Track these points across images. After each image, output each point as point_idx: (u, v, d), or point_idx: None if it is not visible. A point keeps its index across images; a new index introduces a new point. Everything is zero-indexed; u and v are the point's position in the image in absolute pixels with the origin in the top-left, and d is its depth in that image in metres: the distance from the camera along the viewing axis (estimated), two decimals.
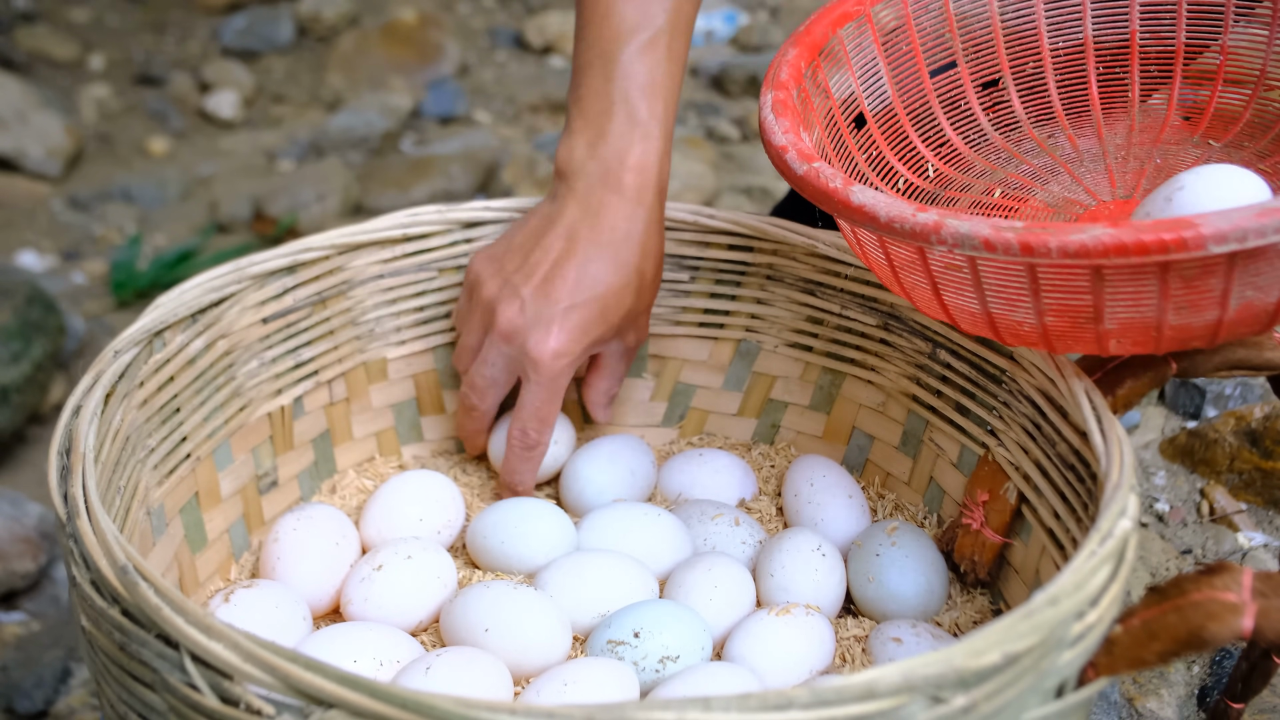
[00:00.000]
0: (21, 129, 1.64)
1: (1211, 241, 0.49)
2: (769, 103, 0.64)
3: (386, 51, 1.93)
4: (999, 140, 0.75)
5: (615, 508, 0.73)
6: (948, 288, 0.58)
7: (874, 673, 0.42)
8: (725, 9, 2.07)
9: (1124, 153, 0.73)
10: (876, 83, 0.73)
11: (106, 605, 0.48)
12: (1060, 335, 0.57)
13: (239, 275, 0.70)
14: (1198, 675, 0.80)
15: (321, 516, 0.71)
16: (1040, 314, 0.56)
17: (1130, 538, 0.51)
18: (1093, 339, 0.57)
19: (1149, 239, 0.49)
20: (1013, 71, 0.75)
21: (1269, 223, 0.48)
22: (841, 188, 0.57)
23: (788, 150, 0.61)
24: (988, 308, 0.58)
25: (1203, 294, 0.53)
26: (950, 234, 0.52)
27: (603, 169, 0.70)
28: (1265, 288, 0.53)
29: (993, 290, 0.56)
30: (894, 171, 0.72)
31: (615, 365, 0.76)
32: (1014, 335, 0.59)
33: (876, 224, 0.55)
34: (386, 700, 0.41)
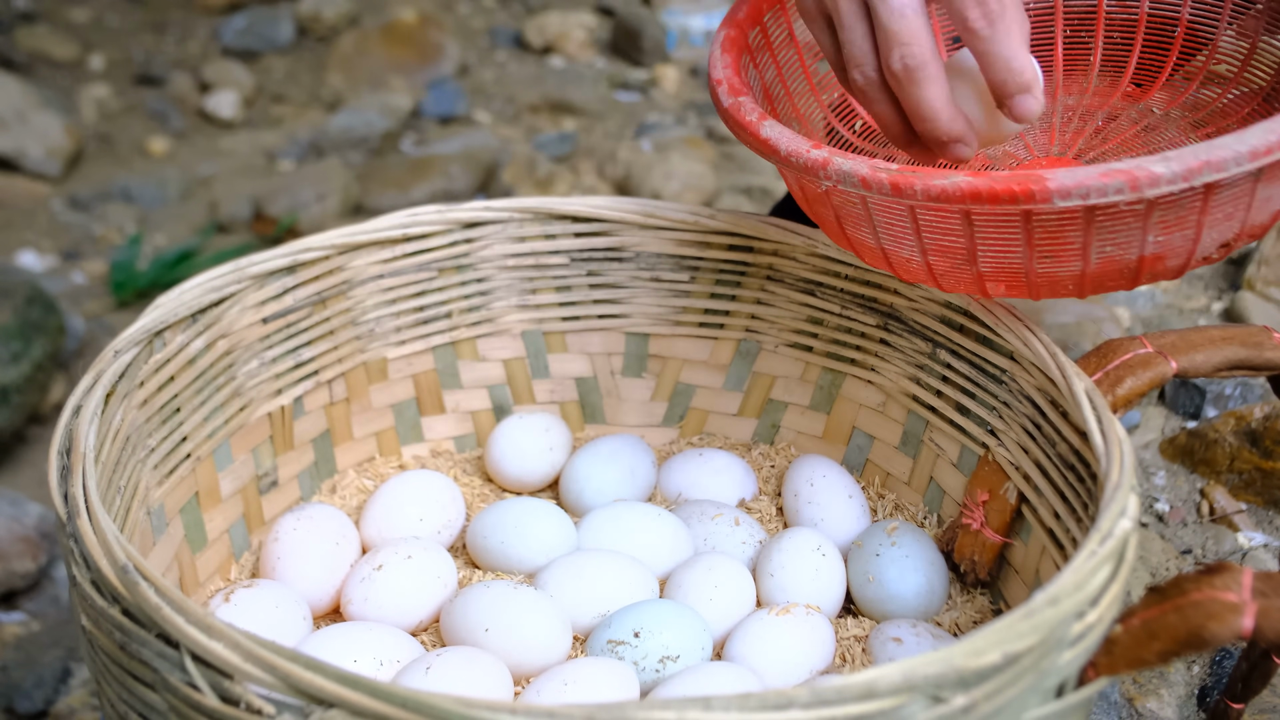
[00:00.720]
0: (21, 129, 1.64)
1: (1057, 195, 0.54)
2: (720, 39, 0.69)
3: (386, 51, 1.93)
4: None
5: (615, 508, 0.73)
6: (848, 221, 0.64)
7: (874, 672, 0.42)
8: (725, 9, 2.06)
9: (1072, 114, 0.76)
10: None
11: (107, 605, 0.48)
12: (944, 274, 0.63)
13: (239, 275, 0.70)
14: (1198, 675, 0.80)
15: (322, 516, 0.71)
16: (924, 252, 0.62)
17: (1130, 538, 0.51)
18: (972, 280, 0.63)
19: (1000, 188, 0.55)
20: None
21: (1110, 183, 0.53)
22: (755, 121, 0.63)
23: (721, 84, 0.67)
24: (881, 243, 0.64)
25: (1064, 245, 0.58)
26: (835, 170, 0.59)
27: None
28: (1124, 245, 0.58)
29: (883, 226, 0.62)
30: (854, 114, 0.76)
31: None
32: (906, 271, 0.65)
33: (777, 156, 0.62)
34: (387, 700, 0.41)
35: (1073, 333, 1.14)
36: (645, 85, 1.89)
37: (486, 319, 0.80)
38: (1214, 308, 1.18)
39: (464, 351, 0.81)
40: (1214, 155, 0.54)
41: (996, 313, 0.67)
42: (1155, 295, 1.20)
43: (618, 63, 1.96)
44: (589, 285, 0.80)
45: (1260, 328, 0.63)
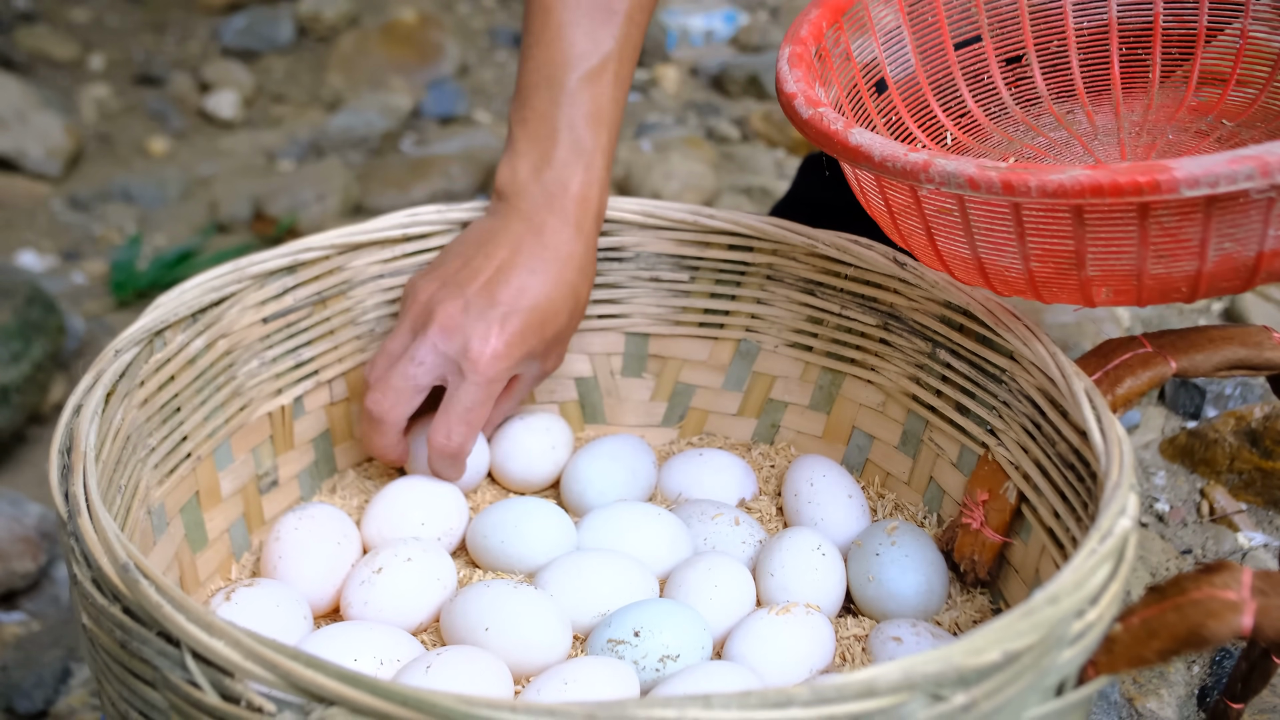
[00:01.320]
0: (21, 129, 1.64)
1: (1184, 184, 0.50)
2: (785, 55, 0.67)
3: (386, 51, 1.93)
4: (1018, 113, 0.77)
5: (615, 508, 0.73)
6: (940, 232, 0.61)
7: (874, 671, 0.42)
8: (725, 9, 2.07)
9: (1139, 129, 0.74)
10: (900, 50, 0.75)
11: (108, 603, 0.48)
12: (1046, 282, 0.60)
13: (239, 275, 0.70)
14: (1198, 675, 0.80)
15: (323, 516, 0.71)
16: (1026, 259, 0.58)
17: (1130, 537, 0.51)
18: (1077, 286, 0.59)
19: (1124, 180, 0.51)
20: (1037, 49, 0.77)
21: (1240, 169, 0.50)
22: (842, 130, 0.60)
23: (796, 96, 0.64)
24: (977, 252, 0.60)
25: (1181, 242, 0.55)
26: (938, 172, 0.55)
27: (546, 193, 0.71)
28: (1243, 240, 0.54)
29: (981, 234, 0.59)
30: (912, 137, 0.75)
31: (523, 390, 0.75)
32: (1004, 283, 0.62)
33: (871, 163, 0.58)
34: (387, 698, 0.41)
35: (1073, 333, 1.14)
36: (645, 85, 1.89)
37: None
38: (1214, 308, 1.18)
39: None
40: None
41: (996, 313, 0.67)
42: None
43: None
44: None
45: (1260, 328, 0.63)
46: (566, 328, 0.73)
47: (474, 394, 0.69)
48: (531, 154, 0.71)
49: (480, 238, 0.72)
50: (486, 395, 0.70)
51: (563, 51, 0.71)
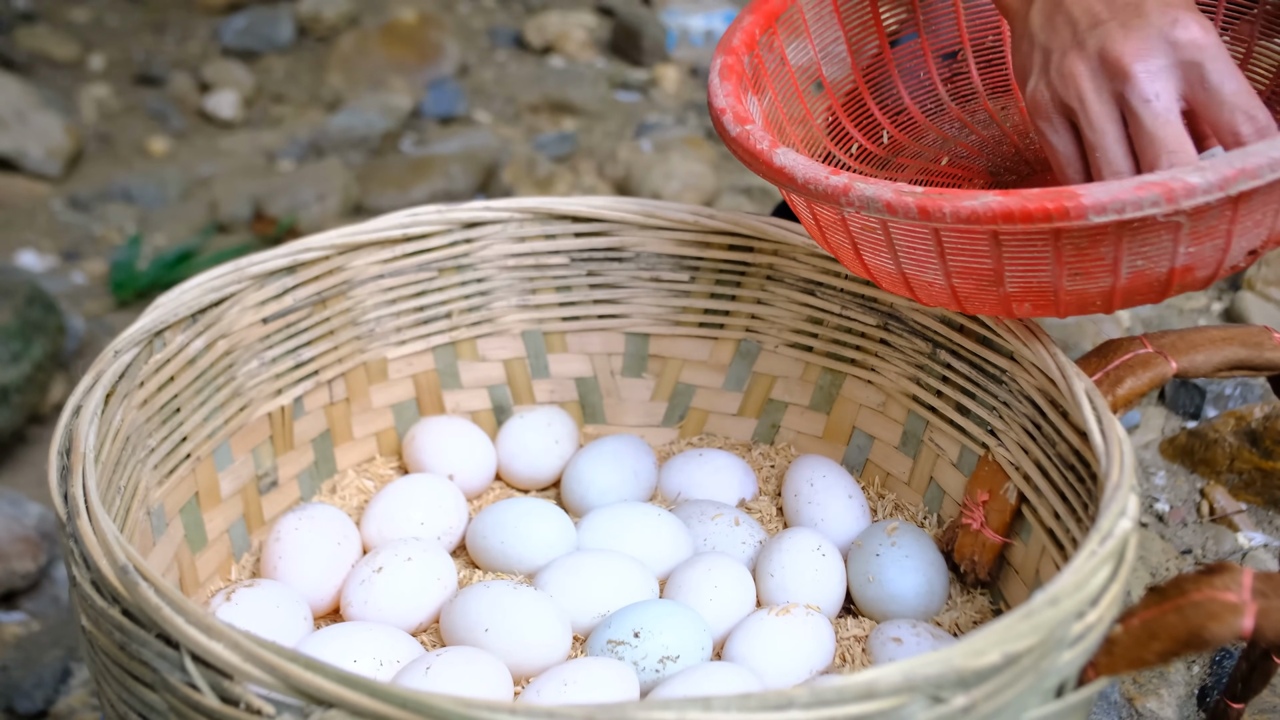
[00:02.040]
0: (21, 129, 1.64)
1: (1092, 211, 0.52)
2: (717, 66, 0.67)
3: (386, 51, 1.93)
4: (954, 110, 0.77)
5: (616, 508, 0.73)
6: (866, 248, 0.62)
7: (874, 672, 0.42)
8: (725, 9, 2.06)
9: None
10: (836, 50, 0.75)
11: (107, 605, 0.48)
12: (968, 296, 0.61)
13: (239, 275, 0.70)
14: (1198, 675, 0.80)
15: (323, 517, 0.71)
16: (948, 275, 0.60)
17: (1130, 538, 0.51)
18: (997, 301, 0.61)
19: (1034, 207, 0.52)
20: (972, 43, 0.77)
21: (1145, 196, 0.51)
22: (767, 149, 0.61)
23: (725, 112, 0.64)
24: (901, 268, 0.61)
25: (1094, 261, 0.56)
26: (857, 196, 0.56)
27: None
28: (1154, 258, 0.56)
29: (904, 251, 0.60)
30: (849, 137, 0.75)
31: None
32: (927, 295, 0.63)
33: (794, 185, 0.59)
34: (386, 700, 0.41)
35: (1073, 333, 1.14)
36: (645, 85, 1.89)
37: (486, 319, 0.80)
38: (1214, 308, 1.18)
39: (464, 351, 0.81)
40: (1249, 163, 0.51)
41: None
42: None
43: (617, 63, 1.96)
44: (589, 285, 0.80)
45: (1260, 328, 0.63)
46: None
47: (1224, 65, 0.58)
48: None
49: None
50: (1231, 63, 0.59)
51: None
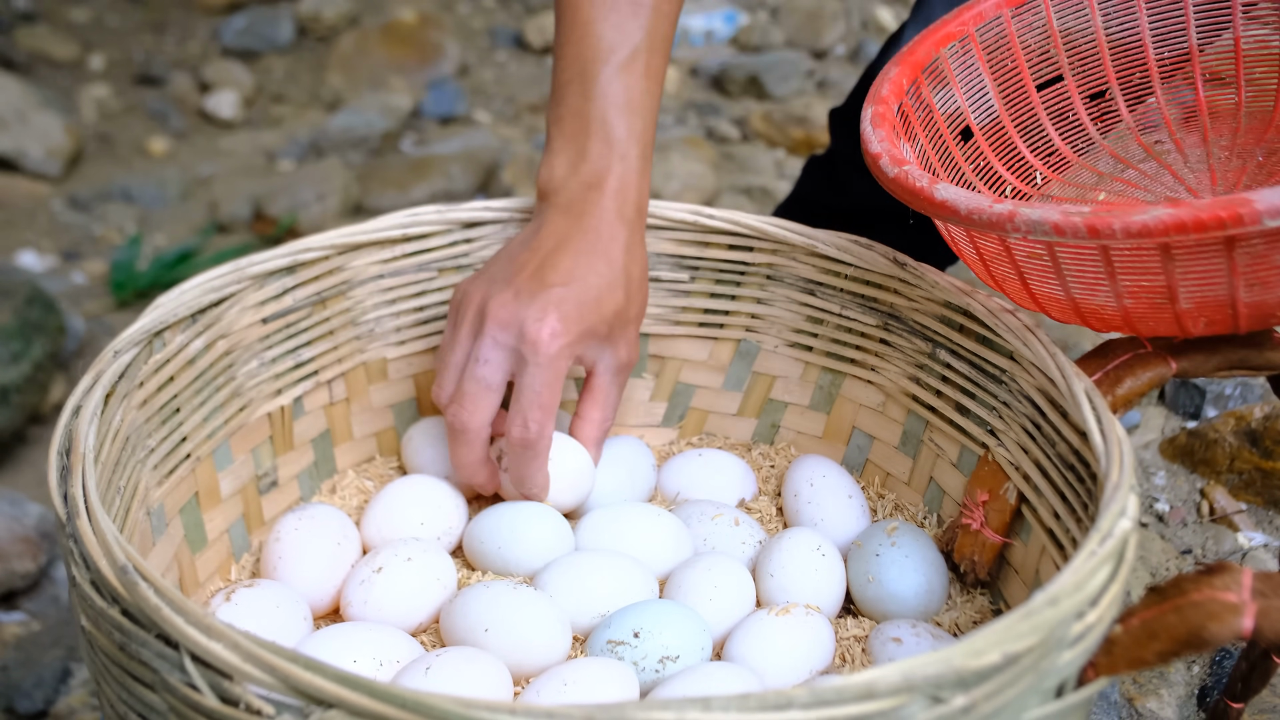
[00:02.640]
0: (21, 129, 1.64)
1: (1266, 215, 0.51)
2: (868, 115, 0.69)
3: (386, 51, 1.93)
4: (1107, 147, 0.77)
5: (615, 508, 0.73)
6: (1033, 276, 0.62)
7: (874, 673, 0.42)
8: (725, 9, 2.07)
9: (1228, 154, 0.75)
10: (982, 97, 0.76)
11: (106, 605, 0.48)
12: (1141, 317, 0.60)
13: (239, 275, 0.70)
14: (1198, 675, 0.80)
15: (323, 517, 0.71)
16: (1119, 296, 0.59)
17: (1130, 538, 0.51)
18: (1172, 319, 0.60)
19: (1206, 215, 0.51)
20: (1120, 82, 0.78)
21: None
22: (927, 186, 0.61)
23: (881, 156, 0.65)
24: (1070, 293, 0.61)
25: (1272, 269, 0.55)
26: (1023, 221, 0.55)
27: (583, 185, 0.71)
28: None
29: (1073, 275, 0.60)
30: (1001, 180, 0.75)
31: (608, 388, 0.73)
32: (1099, 320, 0.62)
33: (958, 217, 0.59)
34: (386, 700, 0.41)
35: (1073, 333, 1.14)
36: None
37: None
38: None
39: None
40: None
41: (996, 313, 0.67)
42: None
43: None
44: None
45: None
46: (625, 309, 0.70)
47: (540, 375, 0.67)
48: (567, 150, 0.71)
49: (524, 237, 0.72)
50: (552, 375, 0.68)
51: (591, 46, 0.71)
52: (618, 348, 0.72)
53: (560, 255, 0.69)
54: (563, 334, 0.67)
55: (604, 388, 0.72)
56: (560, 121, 0.72)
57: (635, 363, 0.73)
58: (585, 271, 0.69)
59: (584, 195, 0.70)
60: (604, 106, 0.70)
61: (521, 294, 0.68)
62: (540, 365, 0.67)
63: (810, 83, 1.87)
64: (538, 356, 0.67)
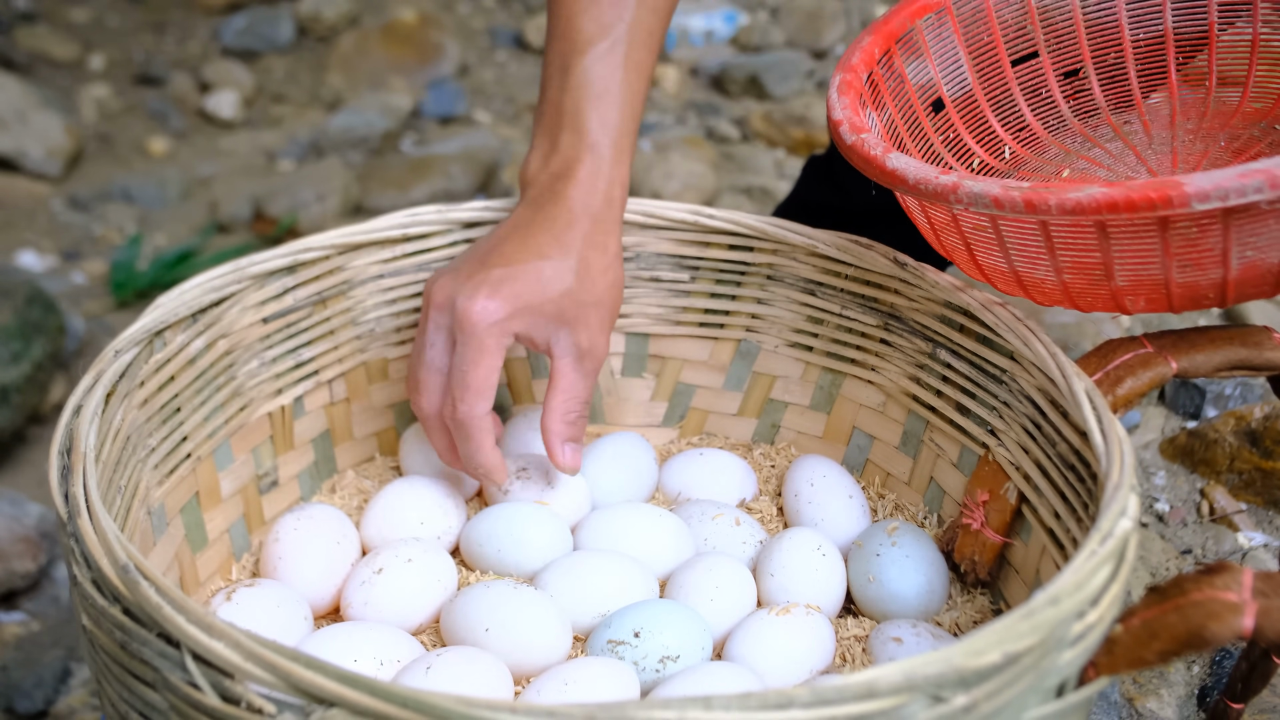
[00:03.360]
0: (21, 129, 1.64)
1: (1195, 199, 0.52)
2: (836, 83, 0.70)
3: (386, 51, 1.93)
4: (1077, 125, 0.79)
5: (616, 508, 0.73)
6: (979, 248, 0.64)
7: (874, 672, 0.42)
8: (725, 9, 2.07)
9: (1193, 137, 0.76)
10: (956, 70, 0.77)
11: (108, 604, 0.48)
12: (1081, 293, 0.62)
13: (239, 275, 0.70)
14: (1198, 675, 0.80)
15: (322, 517, 0.71)
16: (1059, 271, 0.61)
17: (1130, 538, 0.51)
18: (1109, 296, 0.62)
19: (1137, 196, 0.53)
20: (1094, 61, 0.79)
21: (1249, 183, 0.52)
22: (880, 155, 0.63)
23: (842, 124, 0.67)
24: (1014, 266, 0.63)
25: (1204, 252, 0.57)
26: (966, 193, 0.58)
27: (551, 176, 0.70)
28: (1265, 248, 0.56)
29: (1015, 249, 0.62)
30: (970, 153, 0.76)
31: (569, 375, 0.69)
32: (1041, 293, 0.64)
33: (906, 185, 0.61)
34: (387, 699, 0.41)
35: (1073, 333, 1.14)
36: None
37: None
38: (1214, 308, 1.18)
39: None
40: None
41: (996, 313, 0.67)
42: None
43: None
44: None
45: (1260, 328, 0.63)
46: (576, 292, 0.68)
47: (467, 352, 0.66)
48: (543, 144, 0.71)
49: (490, 230, 0.72)
50: (478, 352, 0.66)
51: (570, 39, 0.71)
52: (576, 331, 0.69)
53: (509, 241, 0.69)
54: (493, 311, 0.66)
55: (563, 372, 0.69)
56: (540, 116, 0.72)
57: (602, 353, 0.70)
58: (530, 254, 0.68)
59: (551, 186, 0.70)
60: (577, 97, 0.70)
61: (459, 275, 0.68)
62: (466, 342, 0.66)
63: (810, 83, 1.87)
64: (464, 333, 0.66)
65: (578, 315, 0.69)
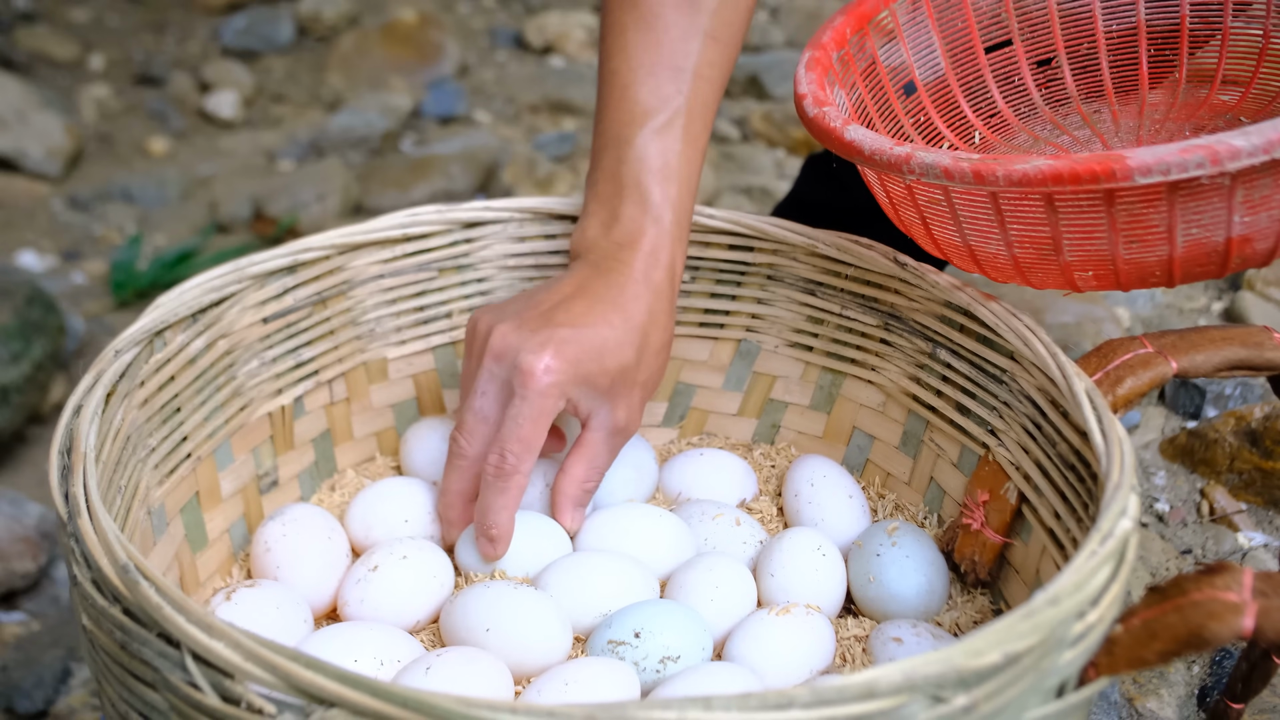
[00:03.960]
0: (21, 129, 1.64)
1: (1138, 173, 0.54)
2: (805, 59, 0.71)
3: (386, 51, 1.93)
4: (1047, 113, 0.80)
5: (617, 508, 0.73)
6: (934, 221, 0.65)
7: (874, 672, 0.42)
8: None
9: (1159, 127, 0.77)
10: (929, 55, 0.78)
11: (108, 604, 0.48)
12: (1030, 267, 0.63)
13: (239, 275, 0.70)
14: (1198, 675, 0.80)
15: (308, 517, 0.70)
16: (1009, 245, 0.62)
17: (1130, 538, 0.51)
18: (1059, 271, 0.63)
19: (1082, 169, 0.55)
20: (1067, 51, 0.81)
21: (1190, 158, 0.53)
22: (839, 127, 0.64)
23: (806, 97, 0.68)
24: (967, 240, 0.64)
25: (1149, 229, 0.58)
26: (918, 163, 0.60)
27: (614, 244, 0.70)
28: (1209, 226, 0.58)
29: (968, 222, 0.63)
30: (940, 137, 0.77)
31: (599, 447, 0.70)
32: (994, 268, 0.65)
33: (862, 156, 0.63)
34: (387, 699, 0.41)
35: (1073, 333, 1.14)
36: None
37: None
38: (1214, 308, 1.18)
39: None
40: None
41: (997, 313, 0.67)
42: (1155, 295, 1.20)
43: None
44: None
45: (1260, 328, 0.63)
46: (632, 369, 0.68)
47: (524, 409, 0.65)
48: (601, 213, 0.70)
49: (548, 283, 0.71)
50: (537, 411, 0.66)
51: (628, 110, 0.70)
52: (616, 407, 0.69)
53: (575, 301, 0.68)
54: (555, 371, 0.65)
55: (593, 444, 0.69)
56: (595, 185, 0.71)
57: (634, 430, 0.71)
58: (595, 320, 0.67)
59: (615, 254, 0.69)
60: (639, 170, 0.69)
61: (524, 328, 0.67)
62: (526, 399, 0.66)
63: None
64: (525, 389, 0.66)
65: (625, 392, 0.69)
